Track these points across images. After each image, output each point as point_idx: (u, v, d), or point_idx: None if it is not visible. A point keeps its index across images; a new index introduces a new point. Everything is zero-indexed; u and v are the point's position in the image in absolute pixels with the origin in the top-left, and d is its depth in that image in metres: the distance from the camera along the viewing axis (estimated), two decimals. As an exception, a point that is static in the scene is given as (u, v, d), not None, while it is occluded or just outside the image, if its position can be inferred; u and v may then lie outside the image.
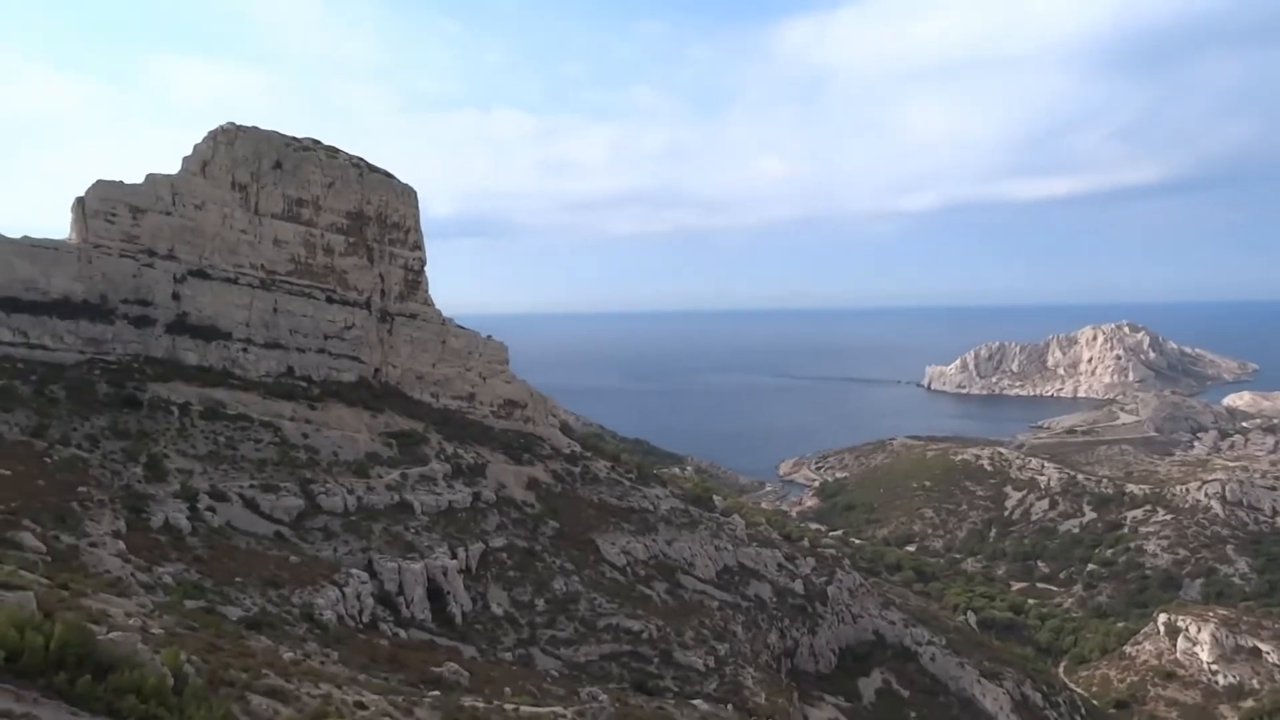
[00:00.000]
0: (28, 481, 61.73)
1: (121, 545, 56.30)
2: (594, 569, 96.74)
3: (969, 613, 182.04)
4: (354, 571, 71.49)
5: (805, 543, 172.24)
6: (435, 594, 77.58)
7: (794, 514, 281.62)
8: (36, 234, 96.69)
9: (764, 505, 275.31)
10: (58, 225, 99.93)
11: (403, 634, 68.23)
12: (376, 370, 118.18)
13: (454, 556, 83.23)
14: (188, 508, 70.60)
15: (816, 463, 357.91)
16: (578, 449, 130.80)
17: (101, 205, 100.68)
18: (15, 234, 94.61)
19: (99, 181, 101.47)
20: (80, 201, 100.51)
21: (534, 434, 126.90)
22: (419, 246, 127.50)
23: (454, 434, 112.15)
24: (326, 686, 33.38)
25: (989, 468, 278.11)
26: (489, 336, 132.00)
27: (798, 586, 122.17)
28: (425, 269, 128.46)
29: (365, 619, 67.32)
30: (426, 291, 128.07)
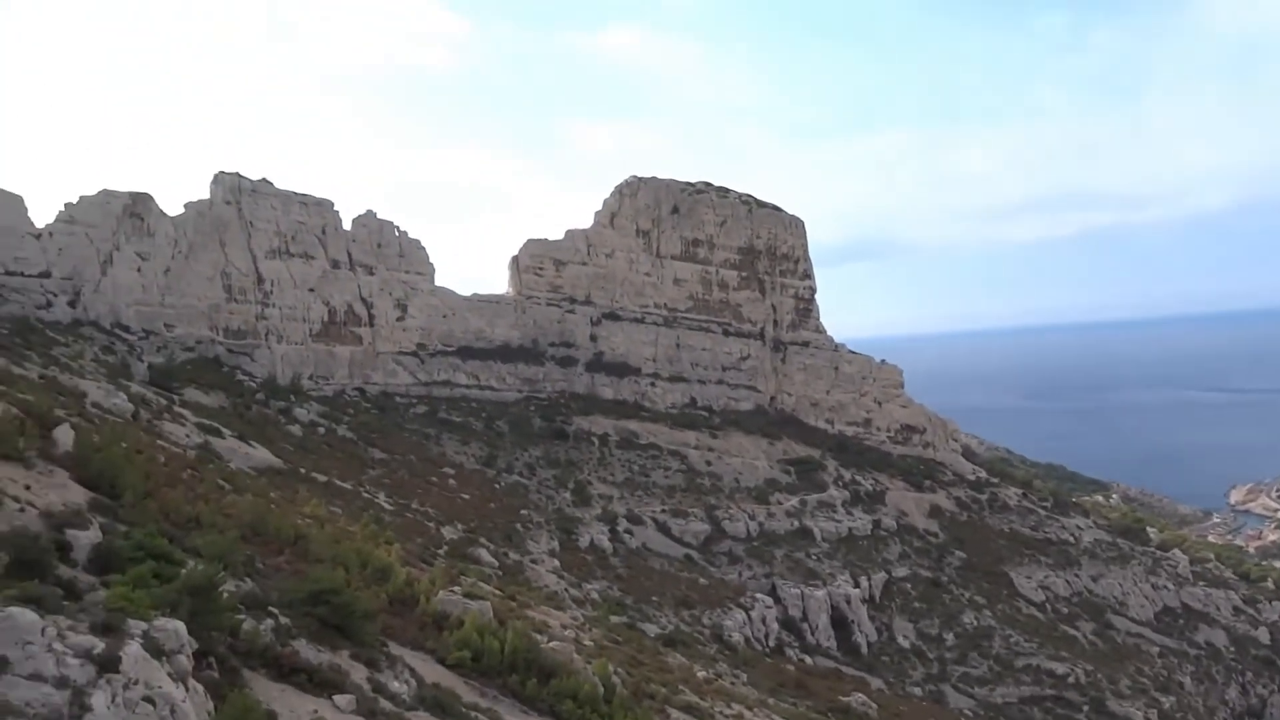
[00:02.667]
0: (483, 504, 71.46)
1: (556, 563, 62.98)
2: (1008, 604, 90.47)
3: None
4: (759, 596, 73.51)
5: (1269, 584, 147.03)
6: (839, 622, 77.25)
7: (1252, 549, 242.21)
8: (483, 290, 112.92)
9: (1212, 539, 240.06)
10: (497, 281, 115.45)
11: (808, 660, 68.70)
12: (772, 398, 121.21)
13: (856, 585, 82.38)
14: (609, 530, 77.29)
15: (1279, 490, 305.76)
16: (983, 475, 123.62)
17: (531, 261, 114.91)
18: (466, 291, 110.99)
19: (529, 240, 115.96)
20: (515, 259, 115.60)
21: (934, 459, 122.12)
22: (808, 275, 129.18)
23: (851, 460, 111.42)
24: (738, 707, 34.56)
25: None
26: (882, 361, 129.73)
27: (1262, 635, 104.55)
28: (815, 296, 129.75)
29: (771, 643, 68.82)
30: (817, 319, 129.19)
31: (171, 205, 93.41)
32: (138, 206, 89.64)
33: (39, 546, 21.95)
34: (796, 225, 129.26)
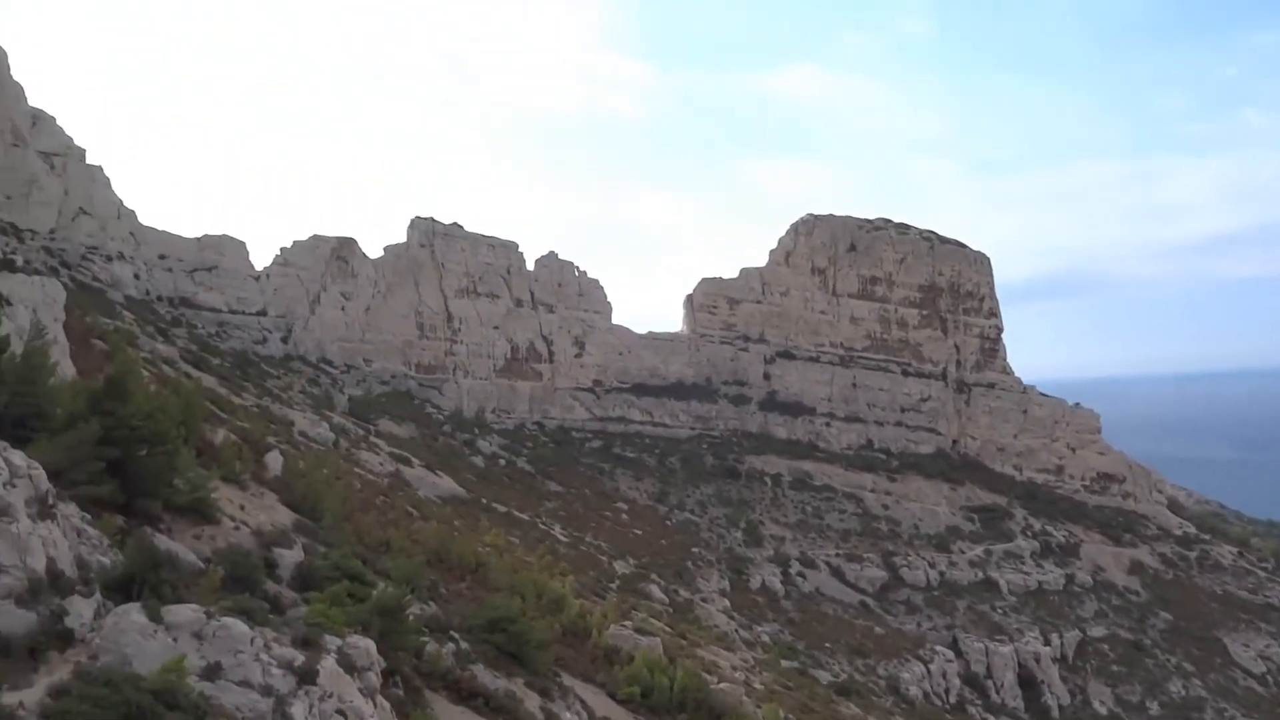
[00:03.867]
0: (654, 540, 72.00)
1: (726, 602, 62.47)
2: (1222, 673, 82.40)
3: None
4: (939, 648, 70.20)
5: None
6: (1026, 681, 72.62)
7: None
8: (658, 329, 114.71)
9: None
10: (672, 319, 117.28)
11: (992, 720, 64.87)
12: (954, 442, 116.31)
13: (1047, 643, 77.28)
14: (781, 572, 76.03)
15: None
16: (1191, 530, 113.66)
17: (705, 299, 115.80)
18: (642, 330, 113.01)
19: (703, 279, 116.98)
20: (689, 298, 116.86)
21: (1135, 511, 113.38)
22: (994, 313, 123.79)
23: (1041, 509, 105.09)
24: (915, 764, 33.01)
25: None
26: (1076, 404, 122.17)
27: None
28: (1001, 335, 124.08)
29: (952, 699, 65.47)
30: (1004, 359, 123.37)
31: (372, 248, 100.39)
32: (343, 250, 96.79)
33: (250, 563, 23.82)
34: (981, 261, 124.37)
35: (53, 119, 74.41)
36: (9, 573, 16.53)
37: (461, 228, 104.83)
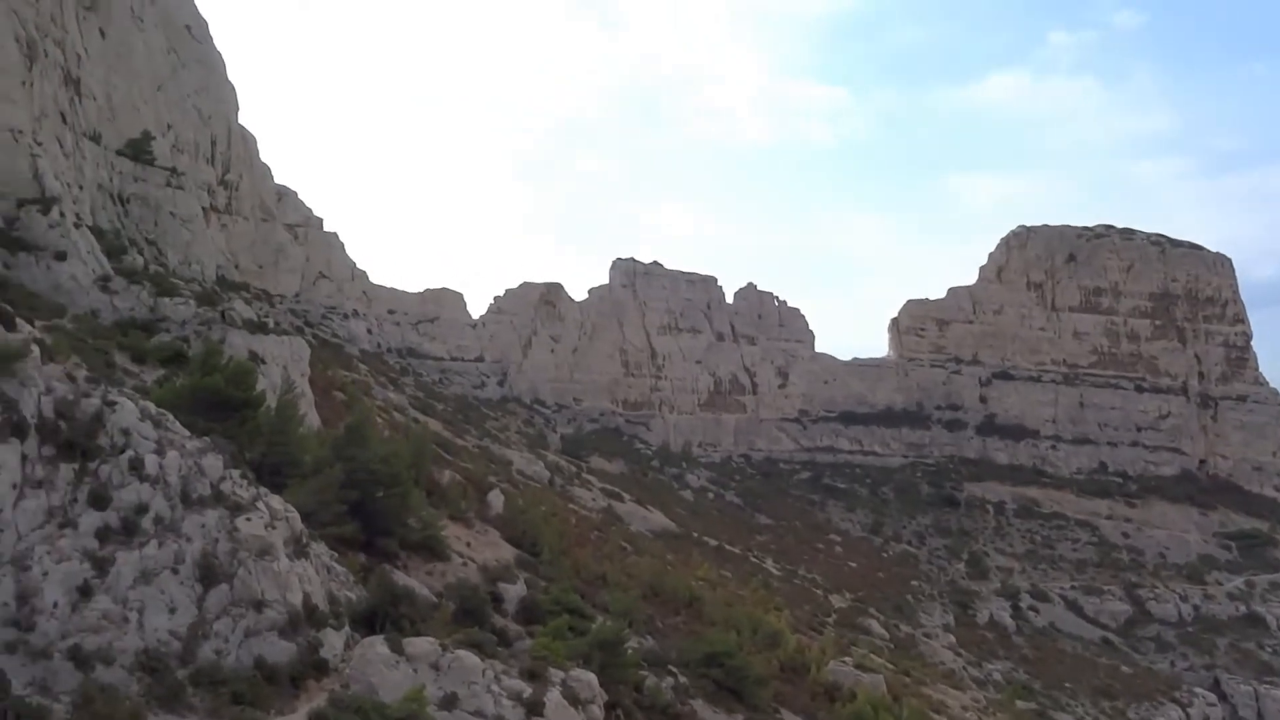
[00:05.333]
0: (870, 573, 69.82)
1: (952, 638, 59.50)
2: None
3: None
4: (1198, 691, 63.69)
5: None
6: (1308, 730, 64.47)
7: None
8: (863, 355, 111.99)
9: None
10: (877, 345, 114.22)
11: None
12: (1202, 462, 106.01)
13: (1330, 687, 68.42)
14: (1010, 606, 71.64)
15: None
16: None
17: (911, 322, 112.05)
18: (846, 357, 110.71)
19: (909, 302, 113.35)
20: (894, 321, 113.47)
21: None
22: (1240, 319, 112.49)
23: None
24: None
25: None
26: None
27: None
28: (1250, 343, 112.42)
29: (1217, 748, 59.13)
30: (1255, 369, 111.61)
31: (577, 290, 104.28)
32: (551, 295, 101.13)
33: (479, 597, 25.07)
34: (1221, 264, 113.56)
35: (295, 194, 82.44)
36: (272, 607, 18.19)
37: (661, 266, 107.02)
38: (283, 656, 17.67)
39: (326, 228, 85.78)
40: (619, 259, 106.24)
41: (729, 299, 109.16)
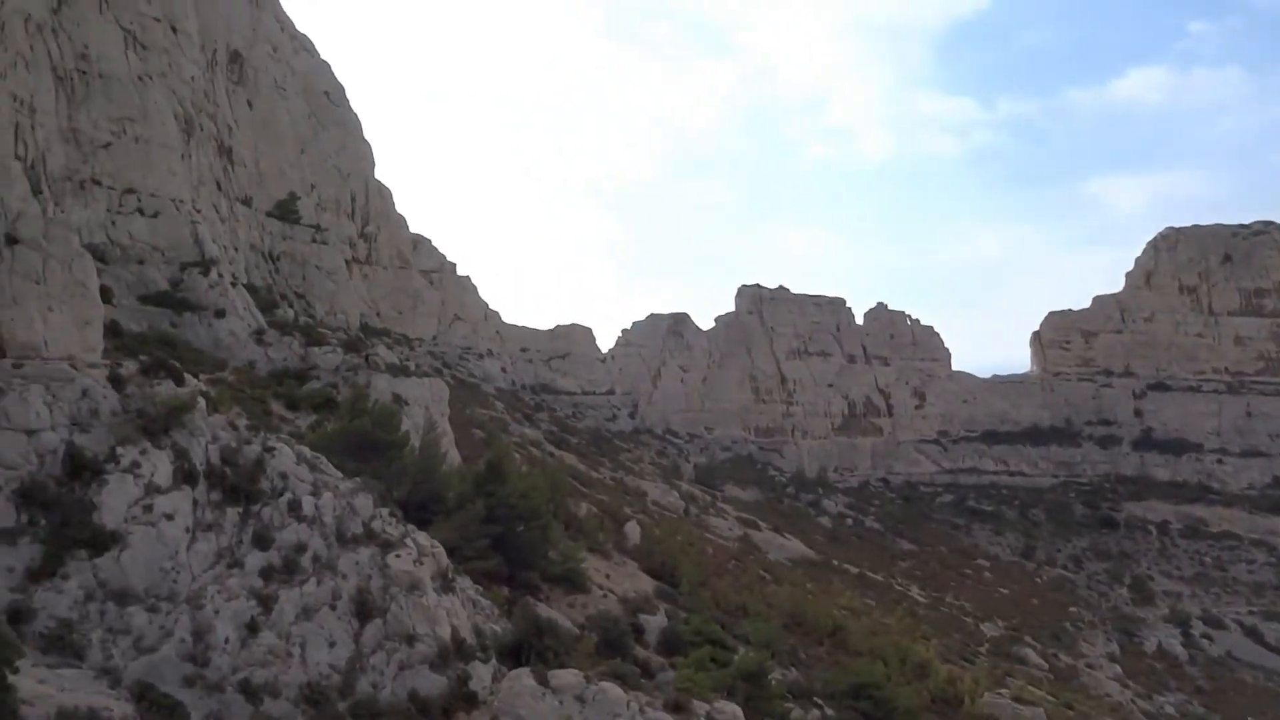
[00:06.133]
0: (1023, 599, 66.63)
1: (1117, 668, 56.07)
2: None
3: None
4: (1405, 724, 57.85)
5: None
6: None
7: None
8: (1003, 371, 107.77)
9: None
10: (1018, 360, 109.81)
11: None
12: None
13: None
14: (1181, 633, 67.01)
15: None
16: None
17: (1055, 335, 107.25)
18: (986, 374, 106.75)
19: (1051, 314, 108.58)
20: (1036, 335, 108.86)
21: None
22: None
23: None
24: None
25: None
26: None
27: None
28: None
29: None
30: None
31: (704, 319, 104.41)
32: (678, 325, 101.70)
33: (620, 629, 25.26)
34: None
35: (429, 241, 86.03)
36: (423, 641, 18.82)
37: (788, 290, 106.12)
38: (434, 689, 18.25)
39: (459, 272, 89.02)
40: (744, 285, 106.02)
41: (859, 320, 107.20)
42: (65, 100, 39.12)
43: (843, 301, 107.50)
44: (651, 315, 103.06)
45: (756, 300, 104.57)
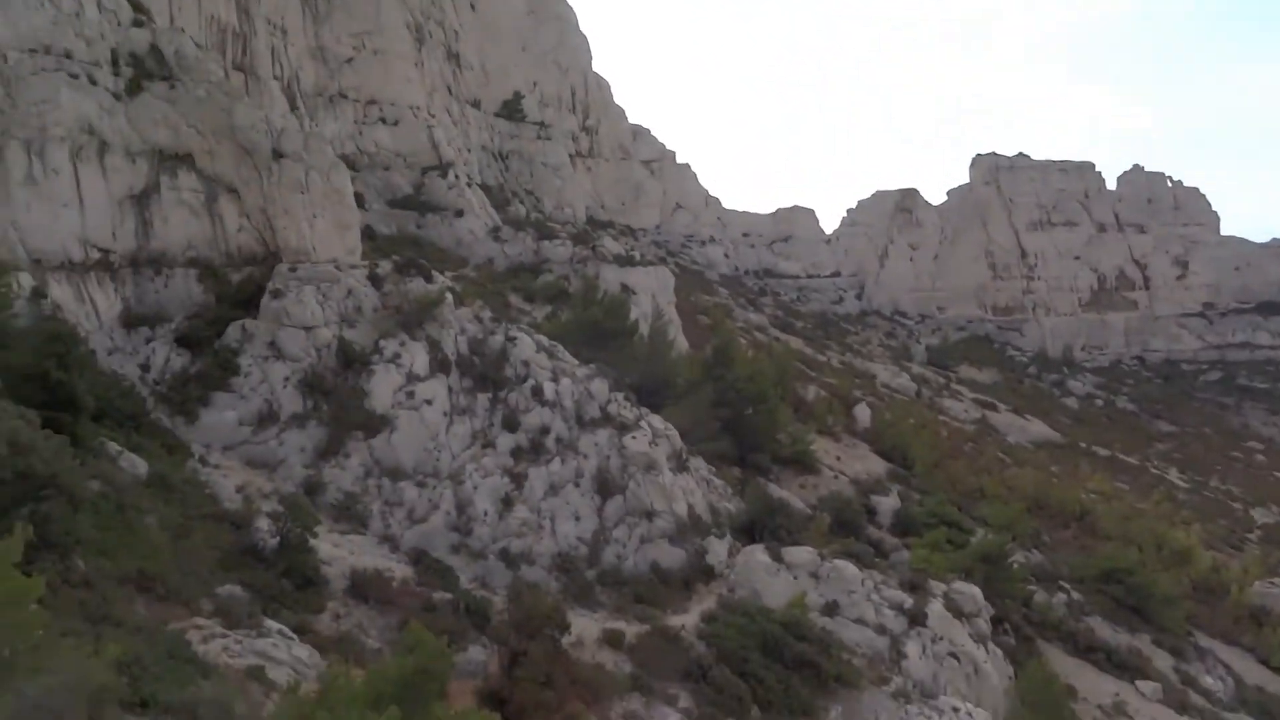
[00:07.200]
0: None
1: None
2: None
3: None
4: None
5: None
6: None
7: None
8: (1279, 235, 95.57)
9: None
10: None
11: None
12: None
13: None
14: None
15: None
16: None
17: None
18: (1263, 238, 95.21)
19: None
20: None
21: None
22: None
23: None
24: None
25: None
26: None
27: None
28: None
29: None
30: None
31: (934, 193, 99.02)
32: (906, 201, 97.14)
33: (852, 509, 25.39)
34: None
35: (648, 131, 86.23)
36: (662, 517, 19.76)
37: (1028, 157, 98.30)
38: (674, 562, 19.22)
39: (679, 160, 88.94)
40: (979, 155, 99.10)
41: (1110, 185, 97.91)
42: (311, 20, 41.89)
43: (1091, 166, 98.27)
44: (877, 192, 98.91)
45: (993, 169, 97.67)
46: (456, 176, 42.81)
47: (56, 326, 15.54)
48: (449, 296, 22.35)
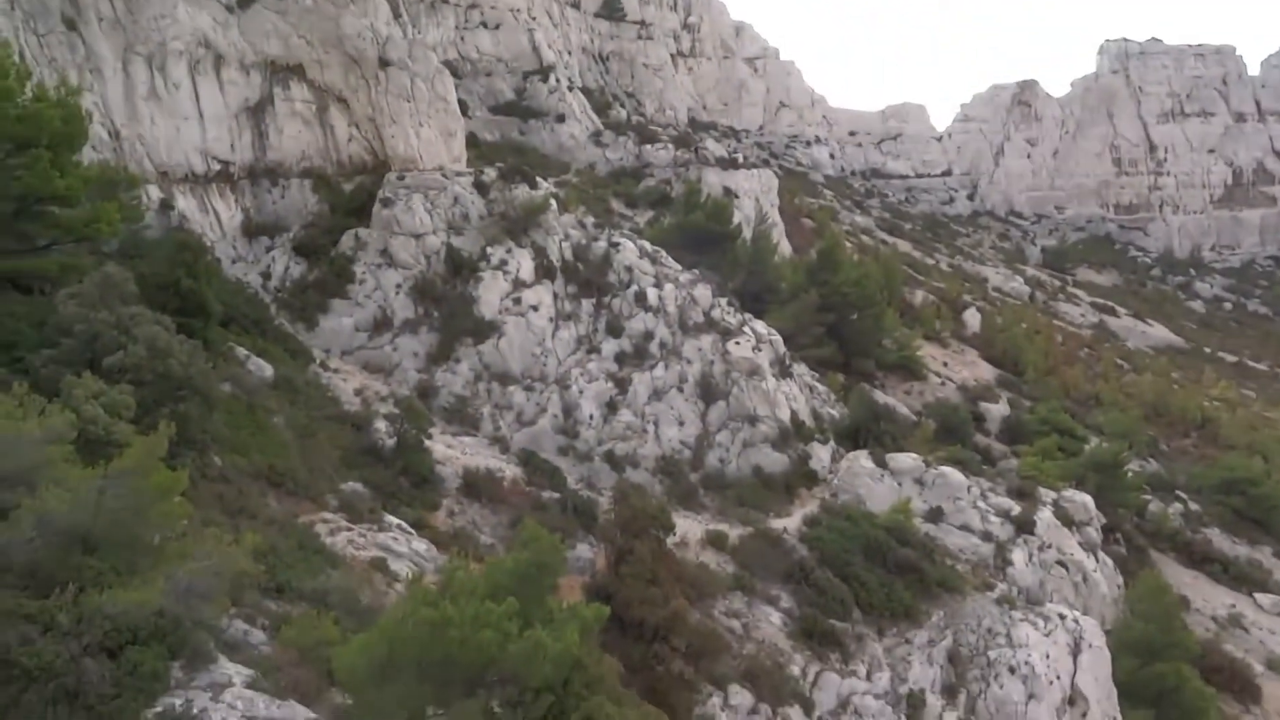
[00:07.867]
0: None
1: None
2: None
3: None
4: None
5: None
6: None
7: None
8: None
9: None
10: None
11: None
12: None
13: None
14: None
15: None
16: None
17: None
18: None
19: None
20: None
21: None
22: None
23: None
24: None
25: None
26: None
27: None
28: None
29: None
30: None
31: (1056, 85, 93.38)
32: (1024, 94, 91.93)
33: (959, 416, 24.97)
34: None
35: (751, 26, 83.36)
36: (764, 422, 19.85)
37: (1161, 42, 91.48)
38: (776, 466, 19.37)
39: (783, 57, 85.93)
40: (1107, 41, 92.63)
41: (1253, 71, 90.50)
42: (410, -77, 41.47)
43: (1232, 50, 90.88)
44: (993, 86, 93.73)
45: (1122, 56, 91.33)
46: (558, 80, 42.48)
47: (185, 237, 16.35)
48: (553, 203, 22.49)
